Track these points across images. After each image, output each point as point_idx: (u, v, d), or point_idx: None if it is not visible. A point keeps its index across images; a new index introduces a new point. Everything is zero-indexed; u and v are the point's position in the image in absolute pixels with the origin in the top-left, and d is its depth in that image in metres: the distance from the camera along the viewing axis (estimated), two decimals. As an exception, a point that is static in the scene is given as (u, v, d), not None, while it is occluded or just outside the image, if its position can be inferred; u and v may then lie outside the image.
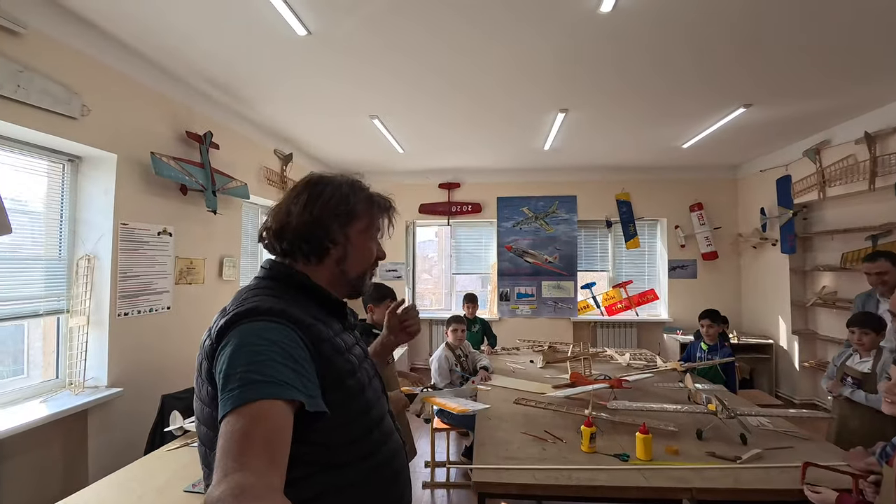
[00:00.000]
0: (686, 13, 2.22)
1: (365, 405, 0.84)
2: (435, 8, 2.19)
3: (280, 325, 0.74)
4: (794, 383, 4.55)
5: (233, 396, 0.63)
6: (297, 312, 0.79)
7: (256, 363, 0.66)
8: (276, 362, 0.67)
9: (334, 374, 0.79)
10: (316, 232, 0.88)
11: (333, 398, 0.76)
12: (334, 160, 5.30)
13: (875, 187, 3.46)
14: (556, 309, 5.76)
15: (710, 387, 2.71)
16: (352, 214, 0.91)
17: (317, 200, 0.89)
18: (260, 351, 0.68)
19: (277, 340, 0.71)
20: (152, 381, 2.67)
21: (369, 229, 0.95)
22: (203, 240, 3.23)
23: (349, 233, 0.91)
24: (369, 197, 0.96)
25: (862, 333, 2.33)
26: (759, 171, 4.97)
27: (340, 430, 0.79)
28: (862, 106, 3.42)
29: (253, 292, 0.84)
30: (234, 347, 0.69)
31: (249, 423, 0.60)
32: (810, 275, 4.52)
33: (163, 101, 2.88)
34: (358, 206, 0.92)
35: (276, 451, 0.60)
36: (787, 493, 1.54)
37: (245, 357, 0.68)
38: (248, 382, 0.64)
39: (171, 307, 2.91)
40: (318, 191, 0.91)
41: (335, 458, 0.78)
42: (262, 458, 0.57)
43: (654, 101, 3.39)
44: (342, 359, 0.82)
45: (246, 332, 0.72)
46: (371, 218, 0.95)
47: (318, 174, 0.96)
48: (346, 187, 0.93)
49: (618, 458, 1.78)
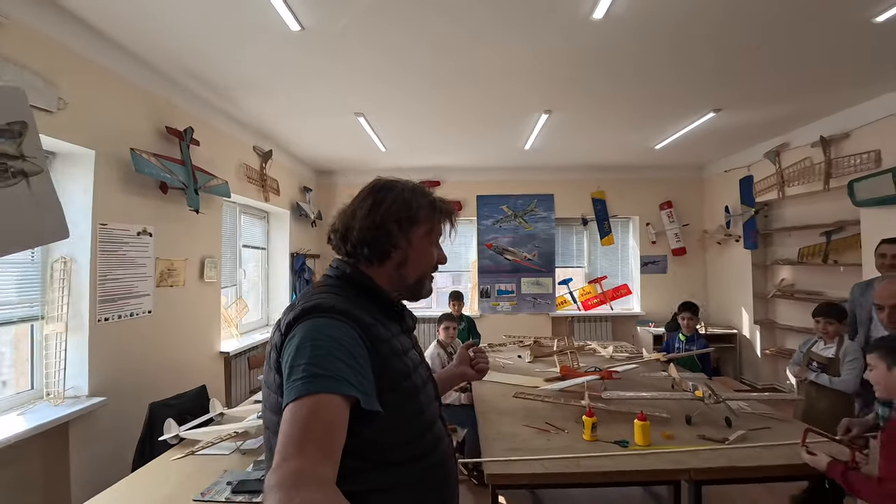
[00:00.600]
0: (668, 25, 2.35)
1: (418, 408, 0.86)
2: (426, 9, 2.21)
3: (342, 323, 0.77)
4: (757, 370, 4.88)
5: (296, 387, 0.67)
6: (359, 312, 0.82)
7: (318, 357, 0.70)
8: (336, 358, 0.71)
9: (391, 374, 0.81)
10: (378, 236, 0.90)
11: (388, 399, 0.78)
12: (315, 157, 5.21)
13: (829, 187, 3.76)
14: (536, 305, 5.91)
15: (692, 375, 2.87)
16: (413, 220, 0.93)
17: (380, 206, 0.92)
18: (322, 346, 0.72)
19: (339, 337, 0.75)
20: (137, 388, 2.56)
21: (430, 234, 0.97)
22: (184, 240, 3.11)
23: (411, 237, 0.93)
24: (432, 202, 0.97)
25: (826, 323, 2.54)
26: (724, 171, 5.28)
27: (394, 431, 0.81)
28: (818, 112, 3.71)
29: (320, 290, 0.88)
30: (300, 341, 0.73)
31: (309, 413, 0.64)
32: (770, 268, 4.85)
33: (143, 95, 2.75)
34: (420, 211, 0.94)
35: (332, 442, 0.63)
36: (774, 468, 1.68)
37: (308, 351, 0.71)
38: (310, 375, 0.67)
39: (152, 311, 2.78)
40: (382, 196, 0.93)
41: (388, 456, 0.80)
42: (318, 448, 0.61)
43: (633, 105, 3.54)
44: (399, 361, 0.85)
45: (310, 327, 0.76)
46: (433, 223, 0.97)
47: (383, 179, 0.98)
48: (409, 193, 0.95)
49: (618, 444, 1.86)
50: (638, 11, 2.22)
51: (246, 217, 4.46)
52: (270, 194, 4.37)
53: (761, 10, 2.22)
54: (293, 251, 5.04)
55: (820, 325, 2.58)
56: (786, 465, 1.68)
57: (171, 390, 2.50)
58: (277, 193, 4.54)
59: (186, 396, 2.49)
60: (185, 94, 3.12)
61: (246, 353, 3.89)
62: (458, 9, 2.21)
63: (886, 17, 2.20)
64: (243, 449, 1.89)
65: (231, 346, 3.69)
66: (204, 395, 2.62)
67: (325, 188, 5.97)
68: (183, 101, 3.10)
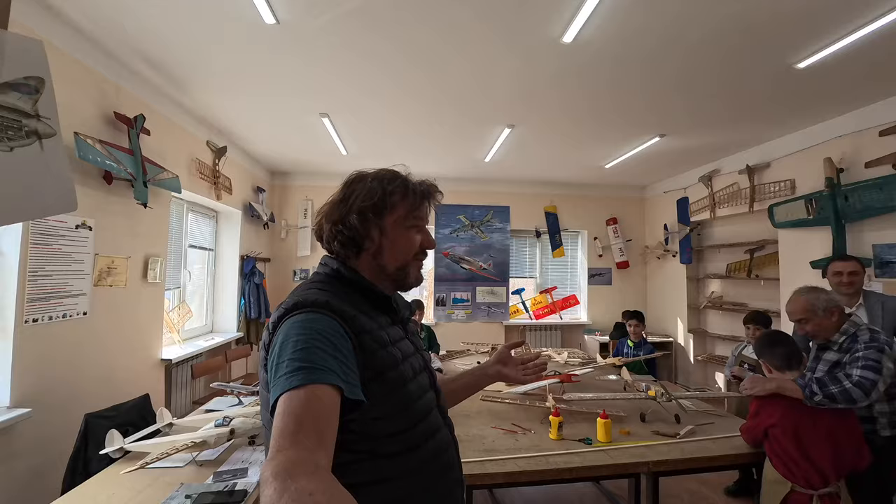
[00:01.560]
0: (630, 56, 2.58)
1: (406, 398, 0.86)
2: (405, 18, 2.26)
3: (323, 316, 0.78)
4: (689, 374, 5.30)
5: (284, 381, 0.67)
6: (340, 304, 0.82)
7: (303, 350, 0.71)
8: (320, 350, 0.72)
9: (375, 365, 0.81)
10: (343, 230, 0.91)
11: (374, 389, 0.78)
12: (271, 157, 5.01)
13: (753, 210, 4.22)
14: (490, 313, 6.03)
15: (641, 377, 3.08)
16: (381, 207, 0.91)
17: (347, 200, 0.93)
18: (306, 339, 0.73)
19: (321, 329, 0.75)
20: (68, 398, 2.31)
21: (407, 218, 0.94)
22: (127, 236, 2.86)
23: (383, 225, 0.92)
24: (405, 186, 0.94)
25: (755, 328, 2.88)
26: (663, 192, 5.75)
27: (382, 422, 0.81)
28: (745, 143, 4.17)
29: (307, 286, 0.89)
30: (284, 337, 0.75)
31: (299, 404, 0.64)
32: (702, 282, 5.32)
33: (89, 75, 2.52)
34: (391, 197, 0.92)
35: (325, 431, 0.64)
36: (721, 458, 1.86)
37: (292, 345, 0.72)
38: (297, 369, 0.68)
39: (88, 312, 2.53)
40: (351, 190, 0.94)
41: (378, 448, 0.80)
42: (311, 437, 0.61)
43: (589, 125, 3.78)
44: (384, 352, 0.85)
45: (293, 323, 0.77)
46: (409, 207, 0.94)
47: (357, 172, 0.98)
48: (376, 182, 0.93)
49: (582, 442, 1.96)
50: (600, 42, 2.42)
51: (194, 215, 4.19)
52: (223, 193, 4.14)
53: (699, 53, 2.50)
54: (243, 254, 4.79)
55: (750, 331, 2.91)
56: (730, 454, 1.86)
57: (109, 400, 2.28)
58: (230, 192, 4.31)
59: (125, 407, 2.28)
60: (137, 79, 2.90)
61: (189, 361, 3.62)
62: (437, 21, 2.28)
63: (806, 65, 2.56)
64: (199, 460, 1.76)
65: (173, 354, 3.42)
66: (146, 404, 2.41)
67: (280, 190, 5.75)
68: (134, 86, 2.89)
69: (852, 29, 2.23)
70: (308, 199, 5.74)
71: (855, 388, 1.62)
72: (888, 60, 2.55)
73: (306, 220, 5.72)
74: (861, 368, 1.68)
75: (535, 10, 2.17)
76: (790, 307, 1.98)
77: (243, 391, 2.51)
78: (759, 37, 2.34)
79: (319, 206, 1.00)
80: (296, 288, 0.90)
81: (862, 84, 2.87)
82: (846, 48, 2.38)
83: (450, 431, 0.97)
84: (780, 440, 1.71)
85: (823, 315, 1.86)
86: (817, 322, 1.88)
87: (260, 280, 4.86)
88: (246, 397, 2.50)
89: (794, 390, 1.70)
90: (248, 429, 1.86)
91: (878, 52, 2.44)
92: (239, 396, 2.50)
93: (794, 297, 1.98)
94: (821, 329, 1.89)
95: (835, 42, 2.33)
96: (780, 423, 1.71)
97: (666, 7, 2.13)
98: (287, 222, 5.72)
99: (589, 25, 2.25)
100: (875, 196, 3.10)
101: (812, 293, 1.91)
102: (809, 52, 2.45)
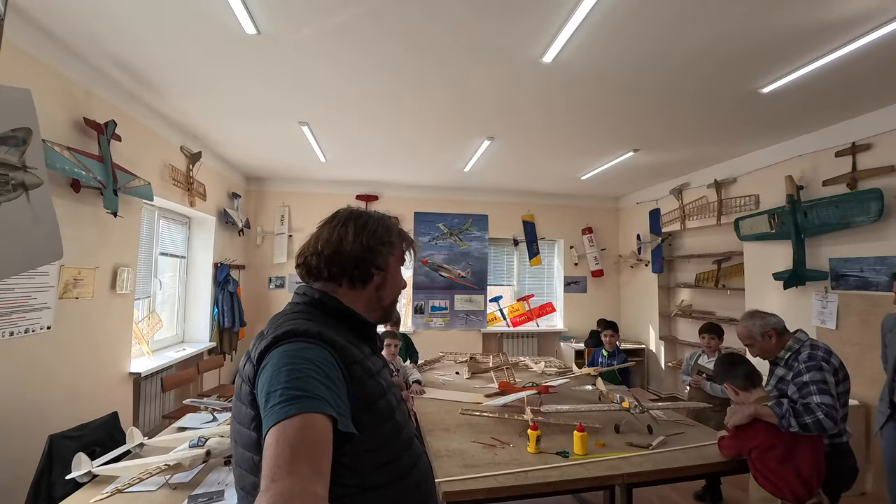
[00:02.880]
0: (607, 77, 2.67)
1: (395, 428, 0.87)
2: (389, 35, 2.28)
3: (316, 346, 0.78)
4: (661, 380, 5.47)
5: (277, 410, 0.65)
6: (332, 335, 0.83)
7: (295, 380, 0.70)
8: (314, 379, 0.71)
9: (366, 395, 0.82)
10: (366, 258, 0.95)
11: (364, 420, 0.79)
12: (246, 163, 4.92)
13: (721, 223, 4.41)
14: (468, 321, 6.06)
15: (615, 387, 3.15)
16: (392, 244, 1.00)
17: (364, 230, 0.96)
18: (299, 369, 0.72)
19: (313, 359, 0.75)
20: (30, 418, 2.20)
21: (400, 260, 1.04)
22: (95, 246, 2.76)
23: (389, 262, 0.99)
24: (399, 230, 1.05)
25: (710, 338, 3.04)
26: (637, 203, 5.93)
27: (372, 454, 0.81)
28: (713, 159, 4.36)
29: (289, 317, 0.88)
30: (275, 367, 0.73)
31: (294, 433, 0.63)
32: (673, 290, 5.51)
33: (57, 79, 2.43)
34: (394, 237, 1.01)
35: (321, 460, 0.63)
36: (691, 468, 1.92)
37: (285, 375, 0.71)
38: (289, 398, 0.67)
39: (52, 326, 2.42)
40: (363, 222, 0.98)
41: (367, 480, 0.80)
42: (308, 466, 0.60)
43: (566, 139, 3.87)
44: (373, 381, 0.86)
45: (285, 352, 0.76)
46: (402, 249, 1.04)
47: (352, 208, 1.03)
48: (386, 220, 1.03)
49: (560, 455, 2.00)
50: (578, 63, 2.50)
51: (165, 222, 4.06)
52: (196, 199, 4.03)
53: (671, 74, 2.61)
54: (217, 261, 4.67)
55: (705, 340, 3.07)
56: (699, 465, 1.94)
57: (75, 419, 2.18)
58: (204, 198, 4.20)
59: (92, 426, 2.19)
60: (108, 84, 2.81)
61: (159, 374, 3.50)
62: (420, 38, 2.30)
63: (770, 89, 2.71)
64: (173, 483, 1.71)
65: (142, 366, 3.30)
66: (115, 422, 2.32)
67: (255, 196, 5.64)
68: (104, 90, 2.79)
69: (809, 60, 2.38)
70: (285, 206, 5.65)
71: (826, 419, 1.71)
72: (839, 89, 2.73)
73: (283, 227, 5.62)
74: (819, 395, 1.77)
75: (516, 31, 2.22)
76: (737, 332, 2.11)
77: (217, 407, 2.45)
78: (728, 63, 2.47)
79: (296, 212, 1.04)
80: (276, 318, 0.89)
81: (819, 108, 3.06)
82: (804, 77, 2.53)
83: (427, 458, 0.99)
84: (766, 460, 1.79)
85: (762, 339, 2.01)
86: (759, 346, 2.03)
87: (234, 288, 4.75)
88: (220, 413, 2.44)
89: (769, 415, 1.79)
90: (224, 449, 1.82)
91: (831, 81, 2.61)
92: (213, 413, 2.44)
93: (739, 322, 2.10)
94: (763, 351, 2.04)
95: (794, 70, 2.49)
96: (764, 443, 1.79)
97: (642, 34, 2.22)
98: (263, 229, 5.61)
99: (568, 47, 2.32)
100: (831, 213, 3.29)
101: (750, 319, 2.05)
102: (772, 78, 2.60)
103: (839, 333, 3.24)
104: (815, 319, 3.40)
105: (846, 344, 3.14)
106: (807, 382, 1.83)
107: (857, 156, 3.18)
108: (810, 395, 1.80)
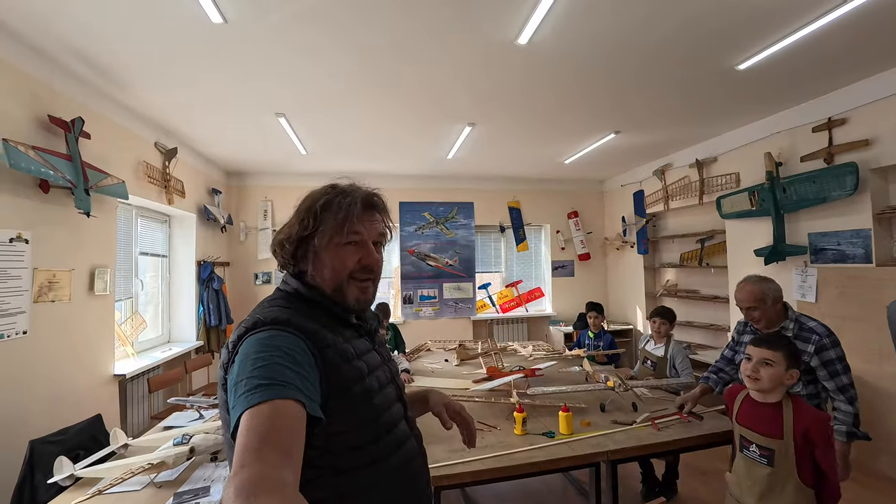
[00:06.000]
0: (585, 58, 2.64)
1: (372, 412, 0.86)
2: (359, 19, 2.22)
3: (284, 333, 0.79)
4: (649, 360, 5.55)
5: (244, 399, 0.67)
6: (302, 320, 0.82)
7: (264, 367, 0.71)
8: (281, 366, 0.72)
9: (339, 380, 0.82)
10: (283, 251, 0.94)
11: (337, 404, 0.79)
12: (226, 157, 4.82)
13: (703, 202, 4.45)
14: (457, 309, 6.08)
15: (601, 367, 3.20)
16: (308, 228, 0.90)
17: (297, 212, 0.94)
18: (266, 356, 0.73)
19: (281, 346, 0.76)
20: (11, 424, 2.18)
21: (337, 236, 0.90)
22: (69, 248, 2.69)
23: (315, 245, 0.91)
24: (328, 202, 0.90)
25: (661, 323, 2.84)
26: (621, 185, 5.96)
27: (343, 437, 0.80)
28: (694, 139, 4.38)
29: (265, 304, 0.89)
30: (243, 356, 0.74)
31: (263, 419, 0.64)
32: (658, 271, 5.58)
33: (17, 76, 2.34)
34: (320, 214, 0.90)
35: (291, 445, 0.63)
36: (673, 443, 1.96)
37: (251, 363, 0.72)
38: (255, 386, 0.68)
39: (28, 331, 2.37)
40: (305, 206, 0.94)
41: (341, 463, 0.80)
42: (276, 452, 0.60)
43: (547, 123, 3.85)
44: (349, 365, 0.85)
45: (253, 341, 0.77)
46: (336, 224, 0.89)
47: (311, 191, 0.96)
48: (310, 199, 0.93)
49: (545, 436, 2.02)
50: (555, 44, 2.46)
51: (143, 221, 3.98)
52: (175, 196, 3.95)
53: (648, 53, 2.60)
54: (200, 259, 4.60)
55: (655, 325, 2.87)
56: (679, 439, 1.98)
57: (55, 424, 2.16)
58: (183, 195, 4.12)
59: (74, 429, 2.16)
60: (73, 80, 2.71)
61: (145, 375, 3.46)
62: (391, 22, 2.25)
63: (746, 66, 2.71)
64: (158, 482, 1.70)
65: (126, 368, 3.26)
66: (99, 425, 2.29)
67: (237, 191, 5.55)
68: (69, 87, 2.70)
69: (783, 35, 2.38)
70: (268, 200, 5.57)
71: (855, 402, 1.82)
72: (814, 65, 2.75)
73: (266, 222, 5.55)
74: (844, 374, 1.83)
75: (489, 13, 2.18)
76: (740, 295, 1.98)
77: (203, 405, 2.43)
78: (704, 41, 2.46)
79: (280, 206, 1.03)
80: (257, 306, 0.89)
81: (795, 84, 3.07)
82: (779, 52, 2.54)
83: (417, 442, 0.97)
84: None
85: (772, 304, 1.92)
86: (765, 311, 1.91)
87: (219, 285, 4.69)
88: (207, 411, 2.42)
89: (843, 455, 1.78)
90: (209, 446, 1.81)
91: (806, 56, 2.63)
92: (199, 410, 2.42)
93: (744, 285, 1.96)
94: (767, 317, 1.93)
95: (769, 46, 2.48)
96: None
97: (617, 14, 2.20)
98: (246, 224, 5.53)
99: (543, 28, 2.29)
100: (809, 188, 3.34)
101: (763, 283, 1.94)
102: (748, 55, 2.60)
103: (818, 306, 3.31)
104: (795, 293, 3.47)
105: (826, 316, 3.21)
106: (833, 360, 1.84)
107: (832, 130, 3.22)
108: (837, 374, 1.83)
